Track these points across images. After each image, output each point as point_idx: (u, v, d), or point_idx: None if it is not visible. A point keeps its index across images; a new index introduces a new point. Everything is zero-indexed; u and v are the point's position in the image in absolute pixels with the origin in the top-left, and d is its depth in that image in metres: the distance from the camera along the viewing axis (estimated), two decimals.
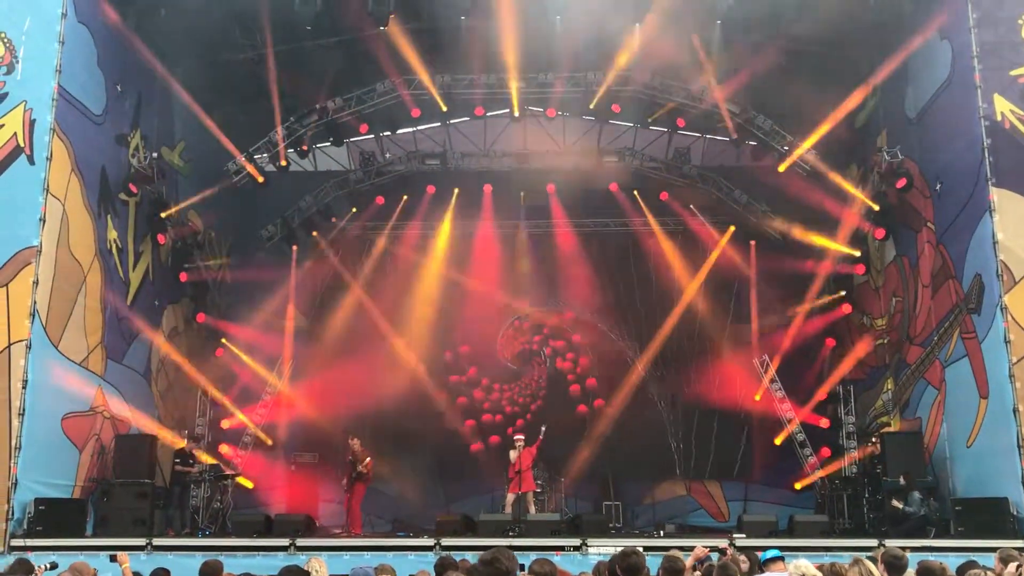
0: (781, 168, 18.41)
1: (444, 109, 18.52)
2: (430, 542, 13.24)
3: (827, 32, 16.31)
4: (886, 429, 17.28)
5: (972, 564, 7.68)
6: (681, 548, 8.59)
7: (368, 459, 16.39)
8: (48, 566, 8.30)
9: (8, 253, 13.40)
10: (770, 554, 7.96)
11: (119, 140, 16.26)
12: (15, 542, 12.60)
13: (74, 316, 14.48)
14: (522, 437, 16.58)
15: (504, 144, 21.16)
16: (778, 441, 19.48)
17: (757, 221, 20.19)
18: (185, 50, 17.54)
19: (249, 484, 18.80)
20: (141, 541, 13.13)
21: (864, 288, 19.14)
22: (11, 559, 9.99)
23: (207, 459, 17.87)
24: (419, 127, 20.69)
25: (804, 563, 6.55)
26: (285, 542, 13.19)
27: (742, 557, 8.19)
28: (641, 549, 6.44)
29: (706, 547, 8.35)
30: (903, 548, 9.15)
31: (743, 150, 19.61)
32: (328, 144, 20.00)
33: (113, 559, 8.47)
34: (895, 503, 14.48)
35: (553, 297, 21.16)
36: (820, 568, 6.51)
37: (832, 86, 17.50)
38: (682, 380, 20.40)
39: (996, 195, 13.63)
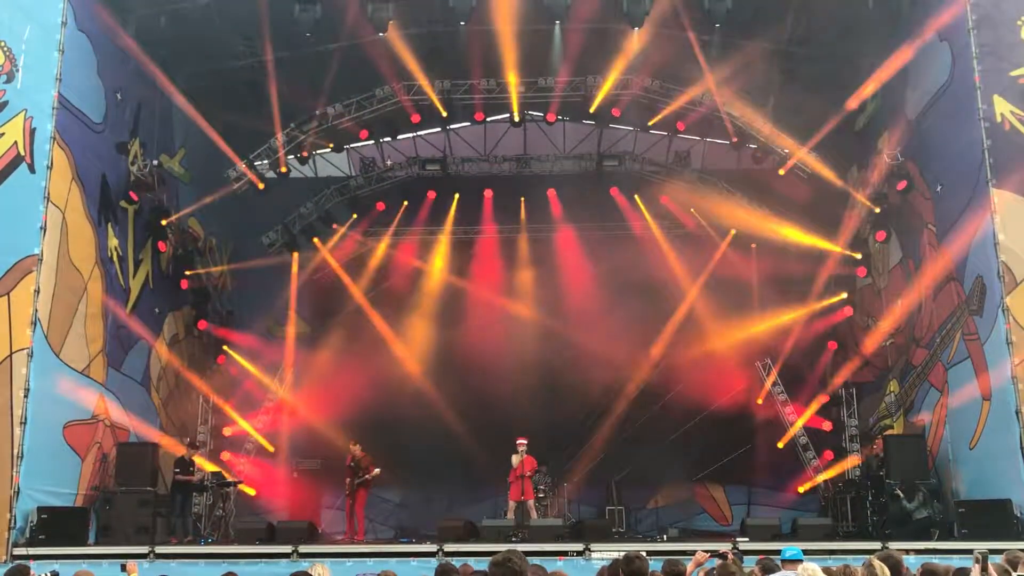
0: (781, 171, 18.42)
1: (444, 114, 18.55)
2: (433, 548, 13.22)
3: (826, 35, 16.34)
4: (889, 432, 17.26)
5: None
6: (684, 552, 8.56)
7: (377, 470, 16.36)
8: (50, 575, 8.29)
9: (9, 262, 13.39)
10: (789, 554, 7.91)
11: (119, 148, 16.27)
12: (18, 551, 12.59)
13: (75, 324, 14.47)
14: (525, 442, 16.54)
15: (504, 149, 21.18)
16: (781, 444, 19.48)
17: (758, 224, 20.17)
18: (185, 58, 17.59)
19: (251, 491, 18.80)
20: (144, 549, 13.12)
21: (866, 290, 19.12)
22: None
23: (209, 467, 17.87)
24: (419, 133, 20.71)
25: (812, 567, 6.54)
26: (288, 549, 13.19)
27: (757, 568, 8.07)
28: (644, 554, 6.43)
29: (707, 551, 8.31)
30: (907, 551, 9.13)
31: (743, 153, 19.62)
32: (328, 150, 20.02)
33: (123, 568, 8.46)
34: (898, 492, 14.49)
35: (555, 302, 21.10)
36: (832, 571, 6.49)
37: (832, 89, 17.52)
38: (684, 384, 20.33)
39: (997, 196, 13.60)
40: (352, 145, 20.55)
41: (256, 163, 18.75)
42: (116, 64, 15.89)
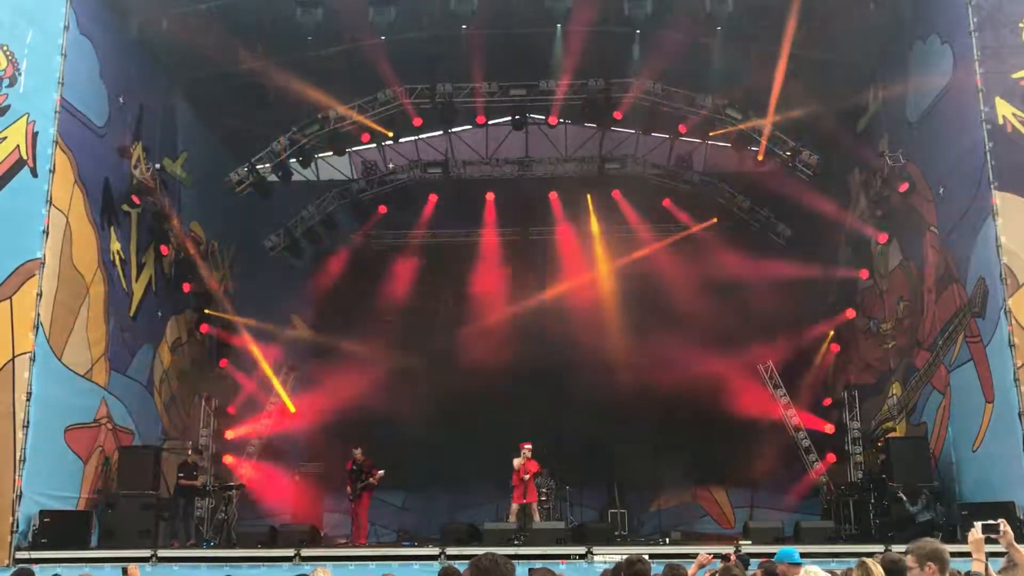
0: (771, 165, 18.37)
1: (446, 118, 18.53)
2: (435, 551, 13.20)
3: (828, 37, 16.32)
4: (891, 434, 17.23)
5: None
6: (687, 556, 8.55)
7: (380, 471, 16.30)
8: None
9: (11, 266, 13.39)
10: (787, 557, 7.87)
11: (121, 152, 16.28)
12: (20, 555, 12.57)
13: (77, 328, 14.47)
14: (529, 445, 16.52)
15: (506, 152, 21.20)
16: (783, 447, 19.42)
17: (760, 226, 20.15)
18: (187, 61, 17.61)
19: (253, 495, 18.77)
20: (146, 553, 13.11)
21: (869, 293, 19.09)
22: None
23: (211, 471, 17.87)
24: (421, 136, 20.74)
25: (815, 569, 6.52)
26: (290, 552, 13.18)
27: (759, 571, 8.05)
28: (647, 557, 6.43)
29: (710, 554, 8.31)
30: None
31: (745, 156, 19.61)
32: (330, 154, 20.03)
33: (125, 572, 8.47)
34: (901, 495, 14.48)
35: (556, 304, 21.09)
36: (835, 574, 6.47)
37: (833, 91, 17.51)
38: (686, 386, 20.28)
39: (999, 198, 13.57)
40: (354, 148, 20.57)
41: (258, 166, 18.74)
42: (118, 68, 15.91)
